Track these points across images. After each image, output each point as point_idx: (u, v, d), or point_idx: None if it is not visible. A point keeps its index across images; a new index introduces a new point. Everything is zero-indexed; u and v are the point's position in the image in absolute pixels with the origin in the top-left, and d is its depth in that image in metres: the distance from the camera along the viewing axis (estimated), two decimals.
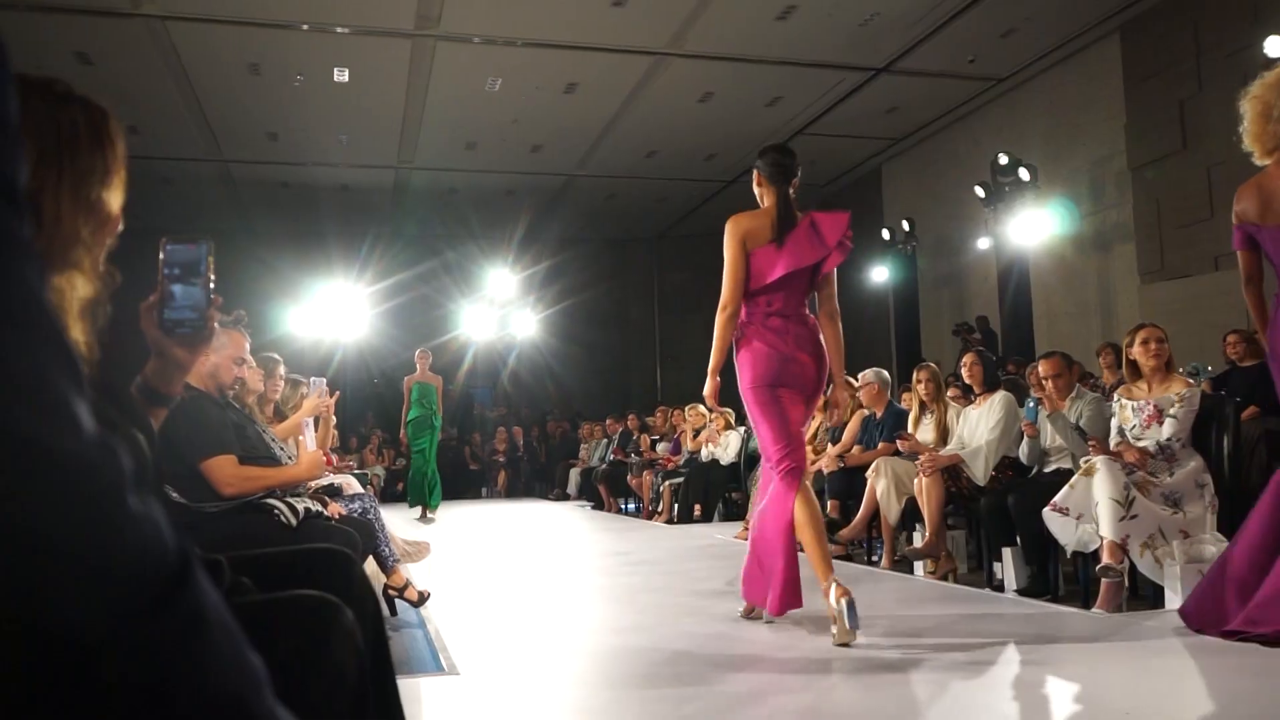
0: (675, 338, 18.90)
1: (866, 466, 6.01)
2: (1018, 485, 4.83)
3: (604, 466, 11.79)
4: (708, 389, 3.77)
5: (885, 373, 6.66)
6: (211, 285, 1.40)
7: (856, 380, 6.69)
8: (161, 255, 1.38)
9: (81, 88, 1.12)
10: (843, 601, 3.29)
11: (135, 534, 0.54)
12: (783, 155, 3.76)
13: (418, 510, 10.26)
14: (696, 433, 10.01)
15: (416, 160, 13.65)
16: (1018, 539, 4.62)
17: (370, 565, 3.81)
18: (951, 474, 5.20)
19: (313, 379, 4.53)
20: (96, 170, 1.08)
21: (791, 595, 3.61)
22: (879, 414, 6.51)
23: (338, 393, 5.09)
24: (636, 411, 12.90)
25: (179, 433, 2.95)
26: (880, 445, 6.30)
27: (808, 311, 3.74)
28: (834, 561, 3.70)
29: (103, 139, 1.10)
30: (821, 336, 3.72)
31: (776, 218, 3.71)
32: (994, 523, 4.74)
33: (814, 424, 7.45)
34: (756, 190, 3.82)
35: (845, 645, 3.27)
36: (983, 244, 11.93)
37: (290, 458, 3.62)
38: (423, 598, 4.13)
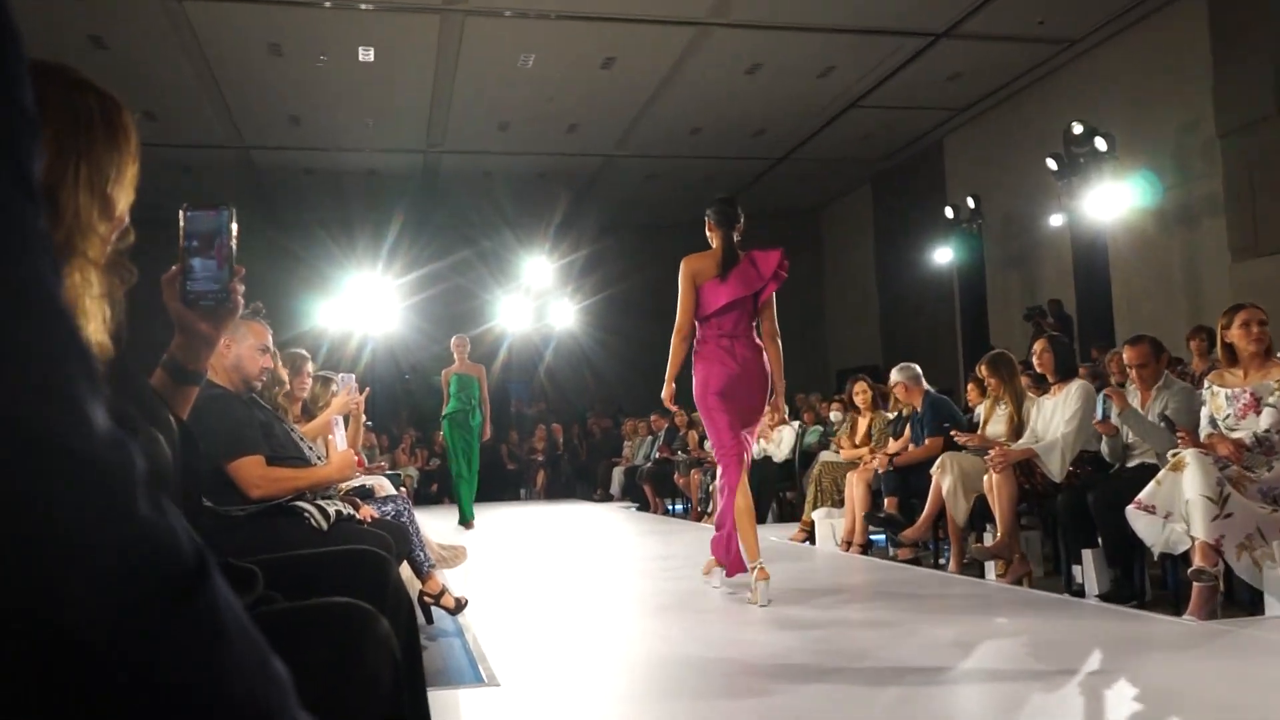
0: None
1: (923, 465, 5.95)
2: (1098, 481, 4.74)
3: (649, 465, 11.81)
4: (665, 393, 4.97)
5: (912, 367, 6.64)
6: (234, 254, 1.41)
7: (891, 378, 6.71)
8: (181, 223, 1.38)
9: (96, 72, 1.13)
10: (760, 583, 4.52)
11: (146, 536, 0.54)
12: (727, 205, 4.96)
13: (460, 517, 9.60)
14: None
15: (446, 143, 13.75)
16: (1099, 540, 4.54)
17: (404, 571, 3.85)
18: (1024, 470, 5.13)
19: (341, 375, 4.59)
20: (112, 161, 1.10)
21: (740, 563, 4.77)
22: (918, 408, 6.48)
23: (368, 389, 5.15)
24: (683, 406, 12.89)
25: (203, 432, 2.99)
26: (927, 441, 6.24)
27: (754, 333, 4.87)
28: (886, 562, 4.83)
29: (117, 129, 1.11)
30: (765, 354, 4.83)
31: (722, 257, 4.87)
32: (1072, 522, 4.66)
33: (864, 422, 7.43)
34: (708, 233, 4.98)
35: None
36: (1055, 221, 11.74)
37: (320, 458, 3.66)
38: (460, 605, 4.16)
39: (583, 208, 16.66)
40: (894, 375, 6.59)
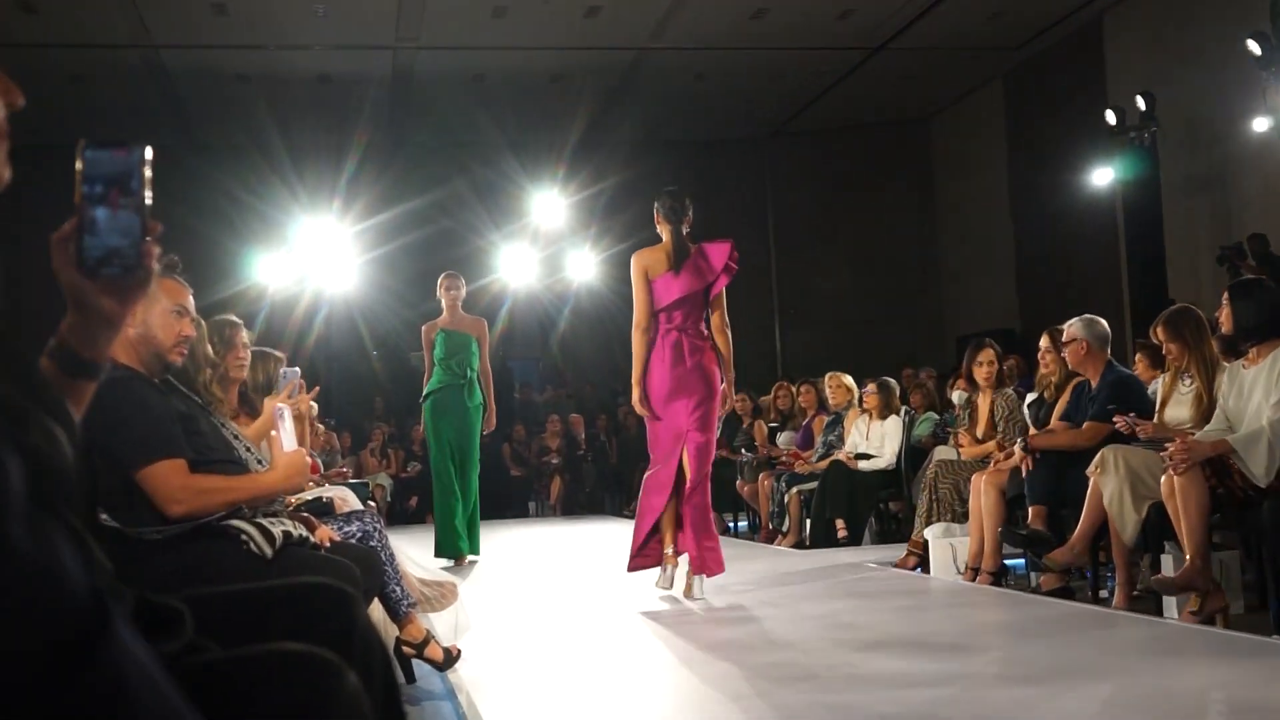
0: (799, 279, 18.82)
1: (1076, 461, 5.89)
2: None
3: None
4: (634, 396, 6.29)
5: (1101, 322, 6.47)
6: (148, 207, 1.41)
7: (1063, 330, 6.54)
8: (79, 166, 1.39)
9: None
10: (670, 568, 6.29)
11: (19, 577, 0.53)
12: (675, 199, 6.40)
13: (440, 545, 8.64)
14: (836, 417, 9.95)
15: (424, 36, 13.78)
16: None
17: (376, 611, 3.89)
18: (1216, 468, 5.07)
19: (283, 370, 4.61)
20: None
21: (643, 559, 6.41)
22: (1094, 382, 6.36)
23: (316, 388, 5.17)
24: (747, 388, 12.89)
25: (104, 428, 3.03)
26: (1086, 426, 6.16)
27: (703, 326, 6.29)
28: (1027, 595, 5.82)
29: None
30: (714, 347, 6.28)
31: (672, 250, 6.26)
32: None
33: (985, 404, 7.37)
34: (657, 227, 6.38)
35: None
36: (1259, 126, 11.54)
37: (262, 462, 3.70)
38: (450, 658, 4.20)
39: (608, 120, 16.63)
40: (1073, 329, 6.41)
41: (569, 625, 5.79)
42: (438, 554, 8.49)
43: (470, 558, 8.73)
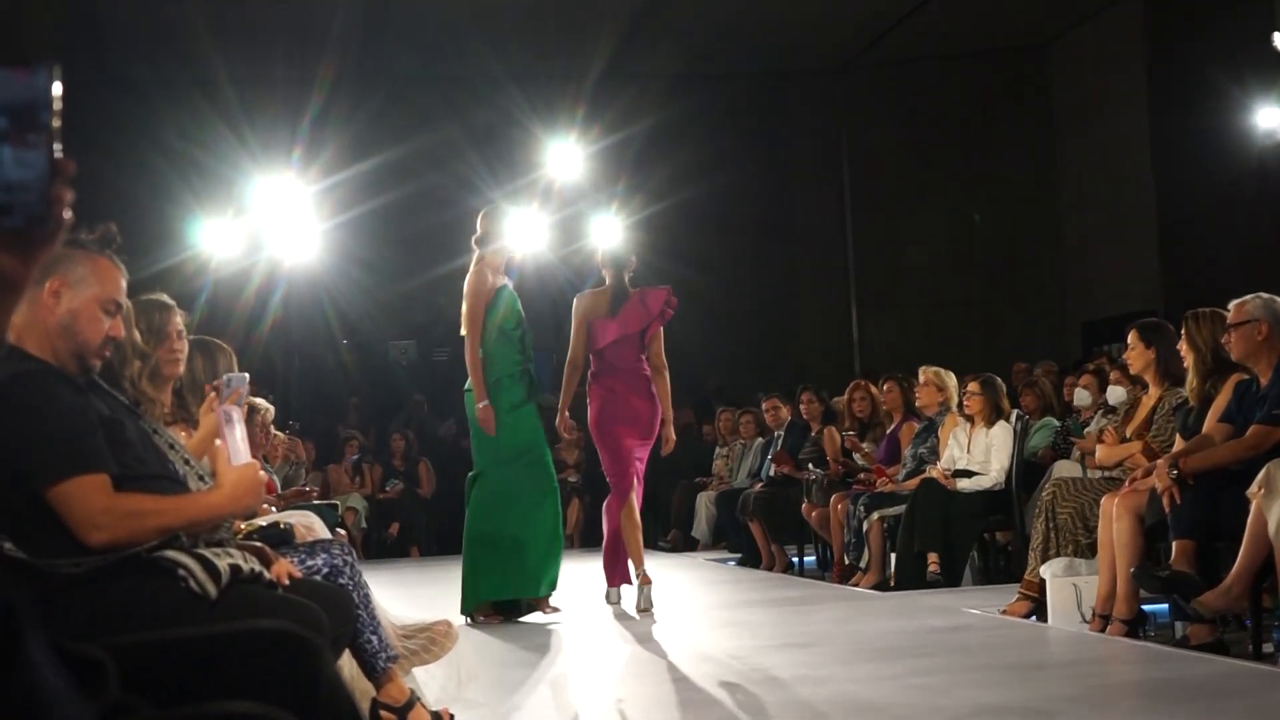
0: (880, 251, 18.74)
1: (1234, 475, 5.85)
2: None
3: (758, 487, 11.83)
4: (558, 421, 8.97)
5: (1276, 301, 6.40)
6: (57, 143, 1.42)
7: (1229, 310, 6.45)
8: None
9: None
10: (645, 588, 8.12)
11: None
12: (621, 251, 8.88)
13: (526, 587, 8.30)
14: (928, 424, 9.89)
15: None
16: None
17: (348, 665, 3.90)
18: None
19: (227, 376, 4.62)
20: None
21: (626, 574, 8.58)
22: (1264, 378, 6.29)
23: (270, 408, 5.13)
24: (814, 386, 12.87)
25: (6, 437, 3.05)
26: (1251, 431, 6.07)
27: (642, 365, 8.42)
28: (1170, 650, 6.11)
29: None
30: (653, 384, 8.44)
31: (612, 295, 8.46)
32: None
33: (1148, 402, 7.30)
34: (601, 271, 8.71)
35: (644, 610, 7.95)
36: None
37: (204, 478, 3.71)
38: None
39: (636, 50, 16.60)
40: (1249, 307, 6.25)
41: (590, 681, 5.80)
42: (469, 594, 8.25)
43: (546, 607, 8.35)
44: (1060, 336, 17.58)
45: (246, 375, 4.55)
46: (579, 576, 9.44)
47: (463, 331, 8.45)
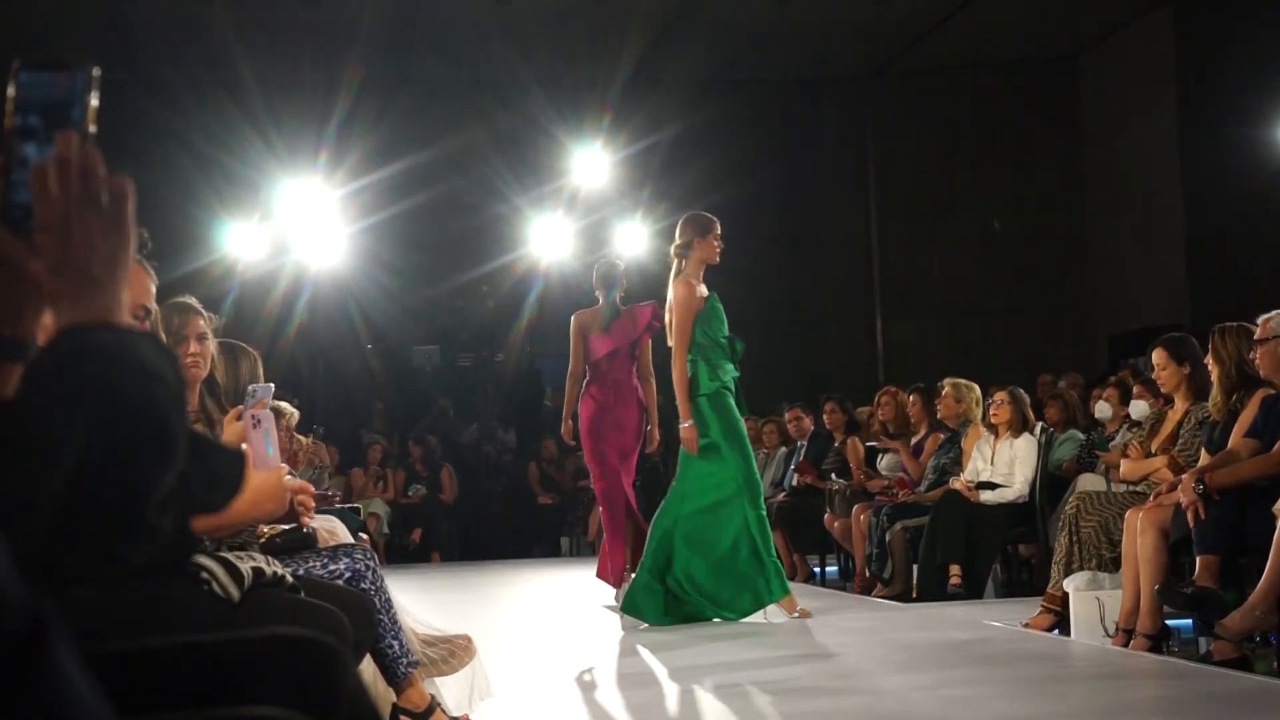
0: (906, 258, 18.70)
1: (1260, 490, 5.83)
2: None
3: (780, 497, 11.86)
4: (563, 429, 9.91)
5: None
6: (95, 143, 1.41)
7: (1257, 325, 6.44)
8: (11, 92, 1.39)
9: None
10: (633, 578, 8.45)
11: None
12: (610, 269, 9.66)
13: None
14: (952, 435, 9.87)
15: None
16: None
17: (368, 669, 3.91)
18: None
19: (252, 387, 4.63)
20: None
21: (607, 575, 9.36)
22: None
23: (295, 411, 5.11)
24: (837, 395, 12.85)
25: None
26: (1278, 446, 6.06)
27: (633, 375, 9.41)
28: (1194, 666, 5.98)
29: None
30: (640, 393, 9.44)
31: (604, 312, 9.39)
32: None
33: (1174, 416, 7.28)
34: (595, 290, 9.64)
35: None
36: None
37: None
38: None
39: (664, 56, 16.60)
40: (1274, 322, 6.31)
41: (612, 690, 5.80)
42: (657, 611, 8.01)
43: (781, 610, 8.02)
44: (1087, 348, 17.53)
45: (272, 386, 4.55)
46: (593, 584, 9.44)
47: (669, 342, 8.34)
